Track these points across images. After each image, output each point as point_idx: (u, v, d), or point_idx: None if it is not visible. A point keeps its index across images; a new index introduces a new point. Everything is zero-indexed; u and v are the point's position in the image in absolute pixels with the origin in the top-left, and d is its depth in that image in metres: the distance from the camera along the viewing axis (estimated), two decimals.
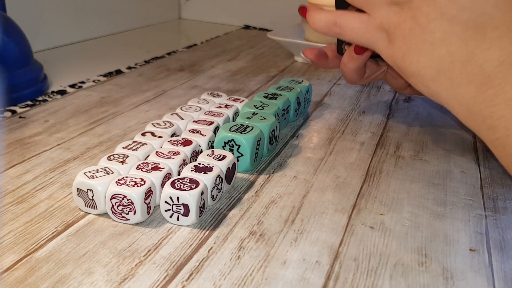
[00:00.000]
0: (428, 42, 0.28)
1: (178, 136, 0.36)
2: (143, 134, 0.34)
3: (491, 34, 0.26)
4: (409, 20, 0.28)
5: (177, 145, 0.33)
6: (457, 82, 0.27)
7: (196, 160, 0.32)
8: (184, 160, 0.31)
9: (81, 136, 0.39)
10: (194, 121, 0.37)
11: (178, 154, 0.31)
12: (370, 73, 0.41)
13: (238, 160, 0.33)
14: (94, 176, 0.28)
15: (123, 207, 0.27)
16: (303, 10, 0.37)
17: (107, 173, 0.28)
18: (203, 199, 0.28)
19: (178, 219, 0.28)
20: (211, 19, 0.95)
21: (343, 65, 0.39)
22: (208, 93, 0.44)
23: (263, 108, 0.38)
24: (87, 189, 0.28)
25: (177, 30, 0.90)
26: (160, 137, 0.34)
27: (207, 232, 0.27)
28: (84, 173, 0.28)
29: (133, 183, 0.27)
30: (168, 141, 0.33)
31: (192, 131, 0.35)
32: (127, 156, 0.31)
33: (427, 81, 0.28)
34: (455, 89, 0.27)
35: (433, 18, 0.27)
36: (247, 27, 0.91)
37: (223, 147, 0.33)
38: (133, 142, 0.33)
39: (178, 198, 0.27)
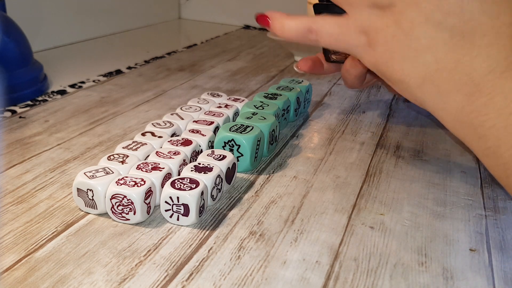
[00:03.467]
0: (412, 48, 0.26)
1: (178, 136, 0.36)
2: (143, 134, 0.34)
3: (479, 42, 0.25)
4: (392, 25, 0.27)
5: (177, 145, 0.33)
6: (445, 90, 0.26)
7: (196, 160, 0.32)
8: (184, 160, 0.31)
9: (81, 136, 0.39)
10: (194, 121, 0.37)
11: (178, 154, 0.31)
12: (370, 79, 0.41)
13: (238, 160, 0.33)
14: (94, 176, 0.28)
15: (123, 207, 0.27)
16: (262, 19, 0.33)
17: (107, 173, 0.28)
18: (203, 199, 0.28)
19: (178, 219, 0.28)
20: (211, 19, 0.95)
21: (345, 71, 0.39)
22: (208, 93, 0.44)
23: (263, 108, 0.38)
24: (87, 189, 0.28)
25: (177, 30, 0.90)
26: (160, 137, 0.34)
27: (207, 232, 0.27)
28: (84, 173, 0.28)
29: (133, 183, 0.27)
30: (168, 141, 0.33)
31: (192, 131, 0.35)
32: (127, 156, 0.31)
33: (412, 88, 0.27)
34: (443, 97, 0.26)
35: (417, 24, 0.26)
36: (247, 27, 0.91)
37: (223, 147, 0.33)
38: (133, 142, 0.33)
39: (178, 198, 0.27)
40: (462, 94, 0.25)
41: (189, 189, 0.27)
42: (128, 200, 0.27)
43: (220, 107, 0.41)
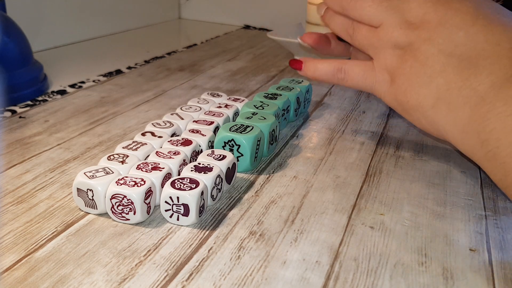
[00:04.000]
0: (427, 75, 0.30)
1: (178, 136, 0.36)
2: (143, 134, 0.34)
3: (483, 63, 0.28)
4: (410, 59, 0.31)
5: (177, 145, 0.33)
6: (454, 105, 0.29)
7: (196, 160, 0.32)
8: (184, 160, 0.31)
9: (81, 136, 0.39)
10: (194, 121, 0.37)
11: (178, 154, 0.31)
12: None
13: (238, 160, 0.33)
14: (94, 176, 0.28)
15: (123, 207, 0.27)
16: (296, 63, 0.38)
17: (107, 173, 0.28)
18: (203, 199, 0.28)
19: (178, 219, 0.28)
20: (211, 19, 0.95)
21: (353, 55, 0.41)
22: (208, 93, 0.44)
23: (263, 108, 0.38)
24: (87, 189, 0.28)
25: (177, 30, 0.90)
26: (160, 137, 0.34)
27: (207, 232, 0.27)
28: (84, 173, 0.28)
29: (133, 183, 0.27)
30: (168, 141, 0.33)
31: (192, 131, 0.35)
32: (127, 156, 0.31)
33: (427, 110, 0.31)
34: (453, 113, 0.29)
35: (431, 55, 0.30)
36: (247, 27, 0.91)
37: (223, 147, 0.33)
38: (133, 142, 0.33)
39: (178, 198, 0.27)
40: (469, 107, 0.28)
41: (189, 189, 0.27)
42: (128, 200, 0.27)
43: (220, 107, 0.41)
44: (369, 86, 0.35)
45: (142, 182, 0.27)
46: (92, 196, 0.28)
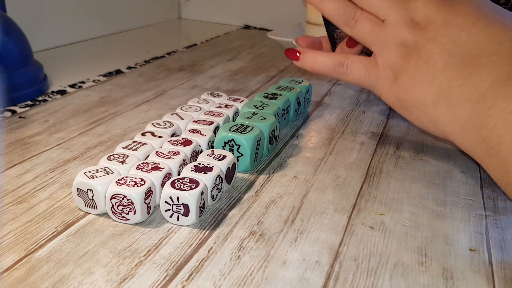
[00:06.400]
0: (429, 73, 0.31)
1: (178, 136, 0.36)
2: (143, 134, 0.34)
3: (485, 61, 0.29)
4: (414, 58, 0.31)
5: (177, 145, 0.33)
6: (455, 102, 0.29)
7: (196, 160, 0.32)
8: (184, 160, 0.31)
9: (81, 136, 0.39)
10: (194, 121, 0.37)
11: (178, 154, 0.31)
12: None
13: (238, 160, 0.33)
14: (94, 176, 0.28)
15: (123, 207, 0.27)
16: (291, 53, 0.37)
17: (107, 173, 0.28)
18: (203, 199, 0.28)
19: (178, 219, 0.28)
20: (211, 19, 0.95)
21: None
22: (208, 93, 0.44)
23: (263, 108, 0.38)
24: (87, 189, 0.28)
25: (177, 30, 0.90)
26: (160, 137, 0.34)
27: (207, 232, 0.27)
28: (84, 173, 0.28)
29: (133, 183, 0.27)
30: (168, 141, 0.33)
31: (192, 131, 0.35)
32: (127, 156, 0.31)
33: (428, 107, 0.31)
34: (453, 110, 0.30)
35: (434, 53, 0.30)
36: (247, 27, 0.91)
37: (223, 147, 0.33)
38: (133, 142, 0.33)
39: (178, 198, 0.27)
40: (470, 103, 0.29)
41: (189, 189, 0.27)
42: (128, 200, 0.27)
43: (220, 107, 0.41)
44: (370, 83, 0.34)
45: (142, 182, 0.27)
46: (92, 196, 0.28)
